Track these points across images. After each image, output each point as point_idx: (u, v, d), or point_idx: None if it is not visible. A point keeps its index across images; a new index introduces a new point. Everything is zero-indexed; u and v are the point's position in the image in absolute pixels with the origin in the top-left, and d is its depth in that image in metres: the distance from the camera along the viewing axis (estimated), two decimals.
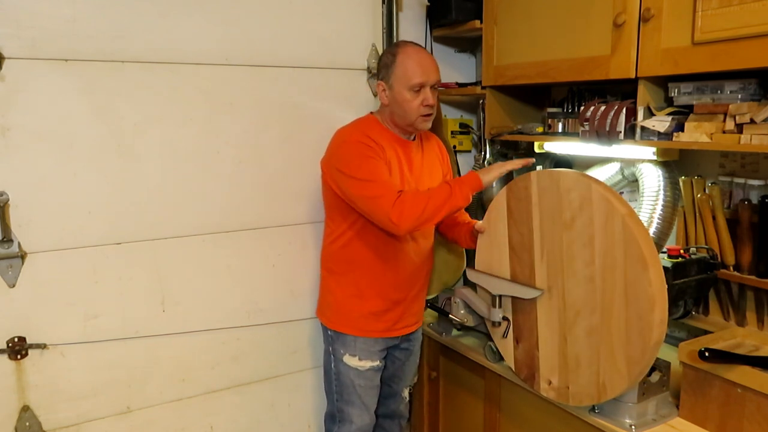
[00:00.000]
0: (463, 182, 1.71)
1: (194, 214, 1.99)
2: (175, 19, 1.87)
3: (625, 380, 1.44)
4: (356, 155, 1.72)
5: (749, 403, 1.39)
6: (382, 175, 1.71)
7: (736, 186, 1.71)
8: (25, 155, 1.71)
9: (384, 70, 1.80)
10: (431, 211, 1.65)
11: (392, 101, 1.79)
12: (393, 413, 2.13)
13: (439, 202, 1.66)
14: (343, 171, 1.74)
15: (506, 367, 1.82)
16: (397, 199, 1.64)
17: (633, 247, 1.38)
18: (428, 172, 1.92)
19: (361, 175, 1.70)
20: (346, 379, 1.92)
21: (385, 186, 1.68)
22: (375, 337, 1.90)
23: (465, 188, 1.69)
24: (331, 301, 1.95)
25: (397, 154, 1.82)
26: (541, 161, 2.27)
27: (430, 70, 1.76)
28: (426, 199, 1.66)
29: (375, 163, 1.72)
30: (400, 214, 1.63)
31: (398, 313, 1.91)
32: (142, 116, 1.86)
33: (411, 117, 1.78)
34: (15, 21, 1.65)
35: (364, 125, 1.84)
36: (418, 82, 1.74)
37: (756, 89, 1.48)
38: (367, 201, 1.70)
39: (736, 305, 1.74)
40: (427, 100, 1.76)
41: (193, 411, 2.08)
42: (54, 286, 1.80)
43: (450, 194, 1.67)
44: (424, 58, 1.77)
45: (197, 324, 2.04)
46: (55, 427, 1.85)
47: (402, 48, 1.78)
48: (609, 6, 1.67)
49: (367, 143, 1.74)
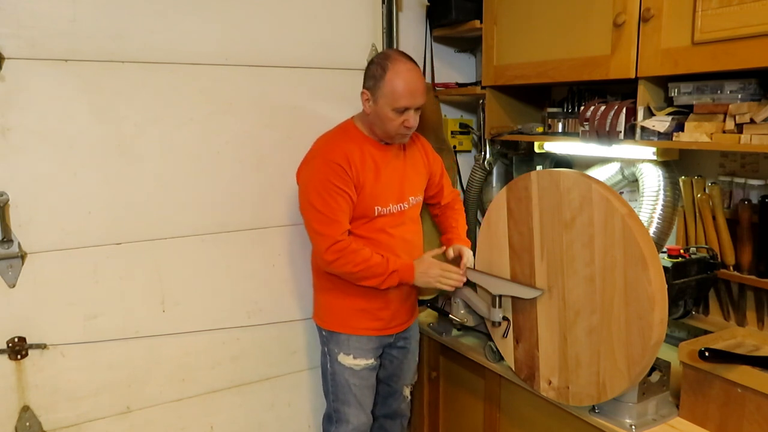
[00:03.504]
0: (400, 273, 1.79)
1: (194, 214, 1.99)
2: (175, 19, 1.87)
3: (625, 380, 1.44)
4: (322, 180, 1.73)
5: (749, 403, 1.39)
6: (337, 212, 1.74)
7: (736, 186, 1.71)
8: (25, 155, 1.71)
9: (371, 81, 1.75)
10: (359, 277, 1.78)
11: (373, 114, 1.77)
12: (394, 413, 2.12)
13: (370, 274, 1.77)
14: (306, 191, 1.77)
15: (506, 367, 1.82)
16: (336, 245, 1.73)
17: (633, 246, 1.38)
18: (412, 173, 1.91)
19: (318, 204, 1.73)
20: (341, 379, 1.92)
21: (332, 225, 1.74)
22: (369, 335, 1.90)
23: (396, 278, 1.79)
24: (322, 301, 1.96)
25: (374, 162, 1.81)
26: (541, 161, 2.27)
27: (417, 94, 1.73)
28: (363, 265, 1.75)
29: (335, 199, 1.73)
30: (333, 260, 1.75)
31: (392, 311, 1.91)
32: (142, 116, 1.86)
33: (390, 133, 1.79)
34: (15, 21, 1.65)
35: (342, 137, 1.82)
36: (403, 105, 1.72)
37: (756, 89, 1.48)
38: (310, 230, 1.79)
39: (736, 305, 1.74)
40: (408, 122, 1.75)
41: (193, 411, 2.08)
42: (54, 286, 1.80)
43: (383, 277, 1.78)
44: (414, 79, 1.73)
45: (197, 324, 2.04)
46: (55, 427, 1.85)
47: (393, 63, 1.72)
48: (609, 6, 1.67)
49: (338, 166, 1.73)
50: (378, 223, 1.83)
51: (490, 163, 2.36)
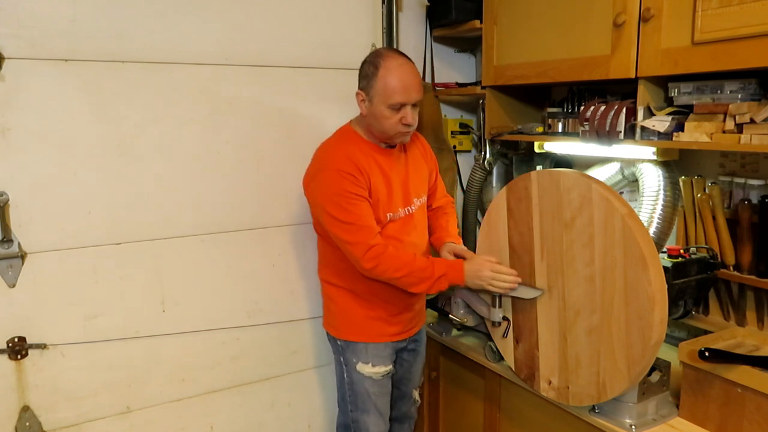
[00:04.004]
0: (449, 276, 1.71)
1: (194, 214, 1.99)
2: (175, 19, 1.87)
3: (625, 380, 1.44)
4: (336, 192, 1.66)
5: (749, 403, 1.39)
6: (362, 218, 1.67)
7: (736, 186, 1.71)
8: (25, 155, 1.71)
9: (364, 81, 1.71)
10: (404, 282, 1.71)
11: (370, 114, 1.71)
12: (404, 416, 2.09)
13: (416, 279, 1.70)
14: (323, 206, 1.69)
15: (506, 367, 1.82)
16: (371, 250, 1.66)
17: (633, 246, 1.38)
18: (414, 174, 1.87)
19: (341, 215, 1.66)
20: (360, 388, 1.88)
21: (362, 231, 1.67)
22: (386, 342, 1.87)
23: (445, 282, 1.72)
24: (335, 310, 1.90)
25: (380, 167, 1.76)
26: (541, 161, 2.27)
27: (411, 89, 1.67)
28: (405, 269, 1.68)
29: (356, 205, 1.67)
30: (372, 268, 1.68)
31: (408, 314, 1.89)
32: (142, 116, 1.86)
33: (388, 132, 1.72)
34: (15, 21, 1.65)
35: (344, 143, 1.76)
36: (398, 101, 1.66)
37: (756, 89, 1.48)
38: (340, 243, 1.71)
39: (736, 305, 1.74)
40: (406, 119, 1.69)
41: (193, 411, 2.08)
42: (54, 286, 1.80)
43: (431, 282, 1.70)
44: (407, 74, 1.67)
45: (197, 324, 2.04)
46: (55, 427, 1.85)
47: (384, 60, 1.67)
48: (609, 6, 1.67)
49: (349, 174, 1.67)
50: (389, 229, 1.78)
51: (490, 163, 2.36)
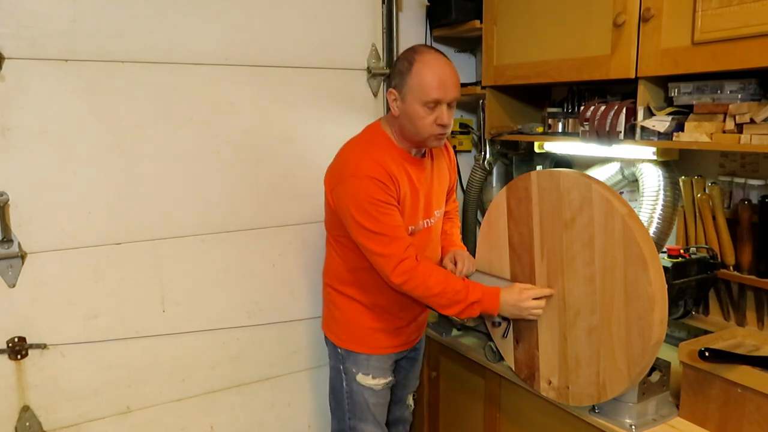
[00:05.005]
0: (482, 304, 1.61)
1: (194, 214, 1.99)
2: (175, 19, 1.87)
3: (625, 380, 1.44)
4: (367, 200, 1.56)
5: (749, 403, 1.39)
6: (394, 229, 1.59)
7: (736, 186, 1.71)
8: (25, 155, 1.71)
9: (398, 78, 1.60)
10: (434, 303, 1.64)
11: (403, 114, 1.61)
12: (398, 420, 2.09)
13: (447, 301, 1.61)
14: (352, 215, 1.59)
15: (506, 367, 1.82)
16: (401, 264, 1.58)
17: (633, 246, 1.38)
18: (437, 185, 1.80)
19: (371, 225, 1.57)
20: (359, 398, 1.84)
21: (394, 243, 1.58)
22: (388, 354, 1.84)
23: (477, 309, 1.62)
24: (339, 317, 1.84)
25: (409, 177, 1.67)
26: (541, 161, 2.27)
27: (449, 86, 1.56)
28: (437, 289, 1.60)
29: (387, 215, 1.58)
30: (402, 283, 1.60)
31: (412, 328, 1.87)
32: (142, 116, 1.86)
33: (422, 134, 1.61)
34: (15, 21, 1.65)
35: (374, 147, 1.65)
36: (433, 98, 1.55)
37: (756, 89, 1.48)
38: (369, 253, 1.63)
39: (736, 305, 1.74)
40: (441, 119, 1.58)
41: (193, 411, 2.08)
42: (54, 286, 1.80)
43: (462, 306, 1.61)
44: (445, 70, 1.57)
45: (197, 324, 2.04)
46: (55, 427, 1.85)
47: (420, 55, 1.57)
48: (609, 6, 1.67)
49: (381, 182, 1.57)
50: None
51: (490, 163, 2.36)
